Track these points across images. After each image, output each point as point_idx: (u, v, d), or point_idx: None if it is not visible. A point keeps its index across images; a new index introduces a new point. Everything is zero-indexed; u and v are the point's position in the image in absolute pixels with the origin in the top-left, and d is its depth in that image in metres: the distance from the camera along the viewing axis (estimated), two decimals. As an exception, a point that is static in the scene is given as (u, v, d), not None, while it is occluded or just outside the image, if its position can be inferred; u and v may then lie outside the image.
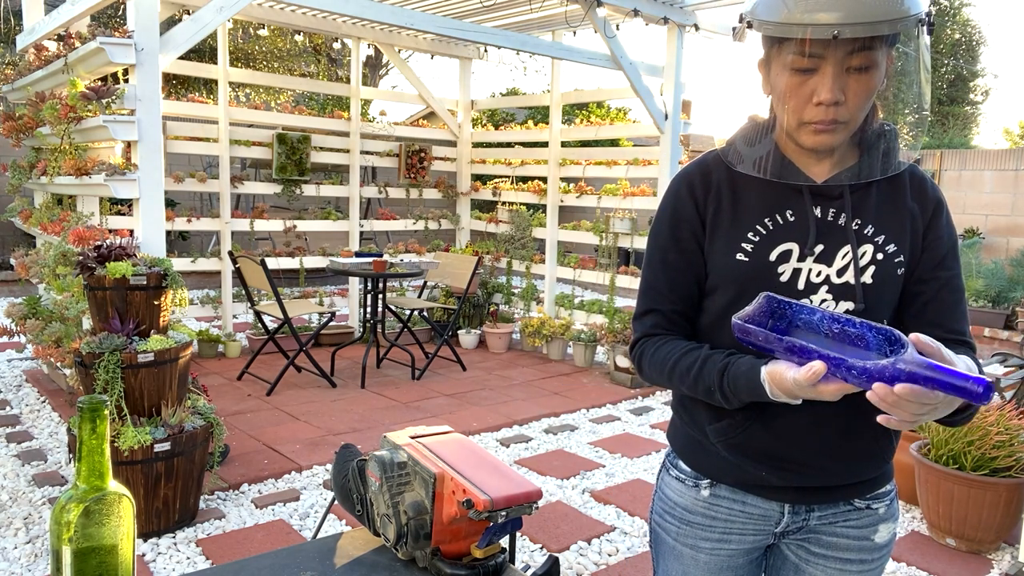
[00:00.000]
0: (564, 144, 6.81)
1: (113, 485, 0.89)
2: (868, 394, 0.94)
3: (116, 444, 2.89)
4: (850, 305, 1.18)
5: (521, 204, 7.21)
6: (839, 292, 1.18)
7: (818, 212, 1.20)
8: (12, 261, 4.94)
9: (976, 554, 3.13)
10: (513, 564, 1.15)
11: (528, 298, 6.81)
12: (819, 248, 1.19)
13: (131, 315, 3.13)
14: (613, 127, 6.79)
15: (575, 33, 6.07)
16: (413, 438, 1.17)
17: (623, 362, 5.52)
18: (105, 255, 3.16)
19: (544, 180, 6.79)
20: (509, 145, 7.41)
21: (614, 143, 8.48)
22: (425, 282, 6.39)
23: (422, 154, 7.00)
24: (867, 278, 1.18)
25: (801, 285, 1.18)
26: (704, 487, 1.29)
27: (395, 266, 5.51)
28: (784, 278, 1.19)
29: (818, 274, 1.18)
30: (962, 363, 0.96)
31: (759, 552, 1.33)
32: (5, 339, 5.16)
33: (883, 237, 1.19)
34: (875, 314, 1.19)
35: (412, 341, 6.21)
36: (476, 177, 7.72)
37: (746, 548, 1.31)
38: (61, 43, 4.31)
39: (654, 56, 5.97)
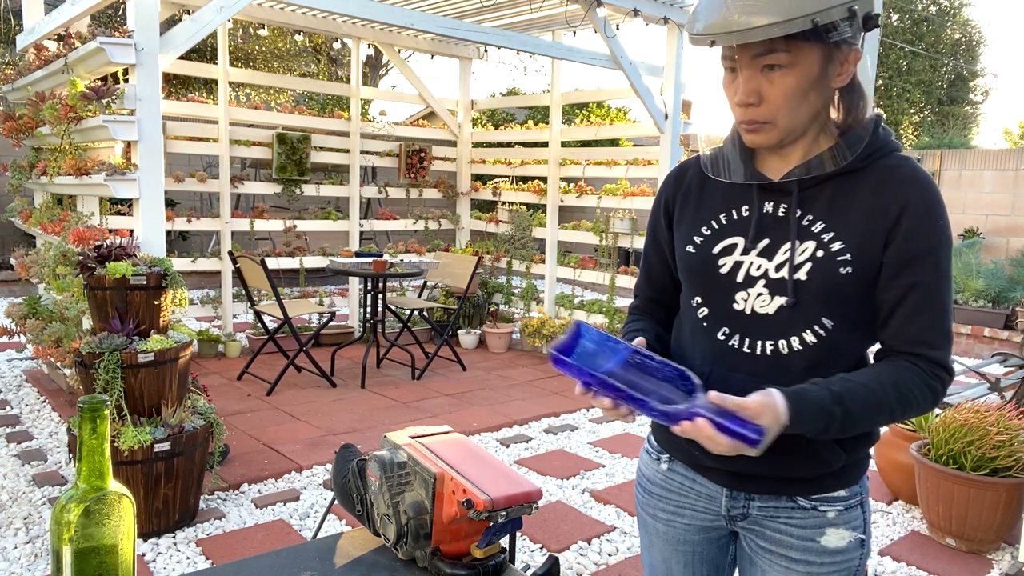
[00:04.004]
0: (564, 144, 6.81)
1: (113, 485, 0.89)
2: (674, 428, 1.06)
3: (116, 444, 2.90)
4: (783, 300, 1.17)
5: (521, 204, 7.21)
6: (774, 287, 1.18)
7: (770, 207, 1.21)
8: (12, 261, 4.94)
9: (976, 554, 3.13)
10: (513, 564, 1.15)
11: (528, 298, 6.81)
12: (764, 243, 1.20)
13: (131, 315, 3.13)
14: (613, 127, 6.79)
15: (575, 33, 6.07)
16: (413, 438, 1.17)
17: (623, 362, 5.52)
18: (105, 255, 3.16)
19: (544, 180, 6.79)
20: (509, 145, 7.41)
21: (614, 143, 8.48)
22: (425, 282, 6.39)
23: (422, 154, 7.00)
24: (802, 275, 1.16)
25: (740, 278, 1.21)
26: (664, 461, 1.37)
27: (395, 266, 5.51)
28: (724, 270, 1.22)
29: (758, 268, 1.20)
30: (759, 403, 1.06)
31: (718, 534, 1.35)
32: (5, 339, 5.16)
33: (831, 235, 1.16)
34: (807, 311, 1.17)
35: (412, 341, 6.22)
36: (476, 177, 7.72)
37: (699, 525, 1.34)
38: (61, 43, 4.31)
39: (654, 56, 5.97)
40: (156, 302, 3.18)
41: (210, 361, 5.76)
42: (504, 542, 1.13)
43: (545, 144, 6.78)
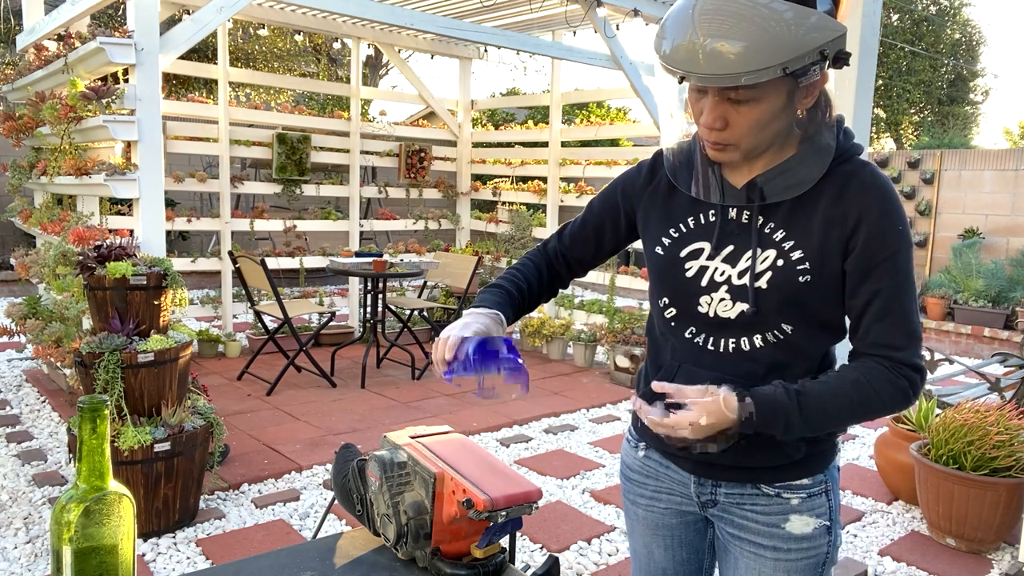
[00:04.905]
0: (564, 144, 6.81)
1: (113, 485, 0.89)
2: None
3: (116, 444, 2.89)
4: (745, 307, 1.20)
5: (521, 204, 7.21)
6: (736, 293, 1.21)
7: (734, 214, 1.24)
8: (12, 261, 4.94)
9: (976, 554, 3.13)
10: (513, 564, 1.15)
11: (528, 298, 6.79)
12: (729, 249, 1.23)
13: (131, 315, 3.13)
14: (613, 127, 6.80)
15: (575, 33, 6.07)
16: (413, 438, 1.17)
17: (623, 362, 5.53)
18: (105, 255, 3.16)
19: (544, 180, 6.79)
20: (509, 145, 7.41)
21: (614, 143, 8.48)
22: (425, 282, 6.39)
23: (422, 154, 7.00)
24: (762, 283, 1.19)
25: (704, 282, 1.24)
26: (641, 449, 1.42)
27: (395, 266, 5.51)
28: (690, 274, 1.26)
29: (722, 273, 1.23)
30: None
31: (694, 518, 1.39)
32: (5, 339, 5.16)
33: (791, 243, 1.19)
34: (767, 318, 1.20)
35: (412, 341, 6.21)
36: (476, 177, 7.72)
37: (675, 509, 1.39)
38: (61, 43, 4.31)
39: (654, 56, 5.97)
40: (156, 302, 3.18)
41: (210, 361, 5.76)
42: (504, 542, 1.13)
43: (545, 144, 6.78)
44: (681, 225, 1.29)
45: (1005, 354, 4.61)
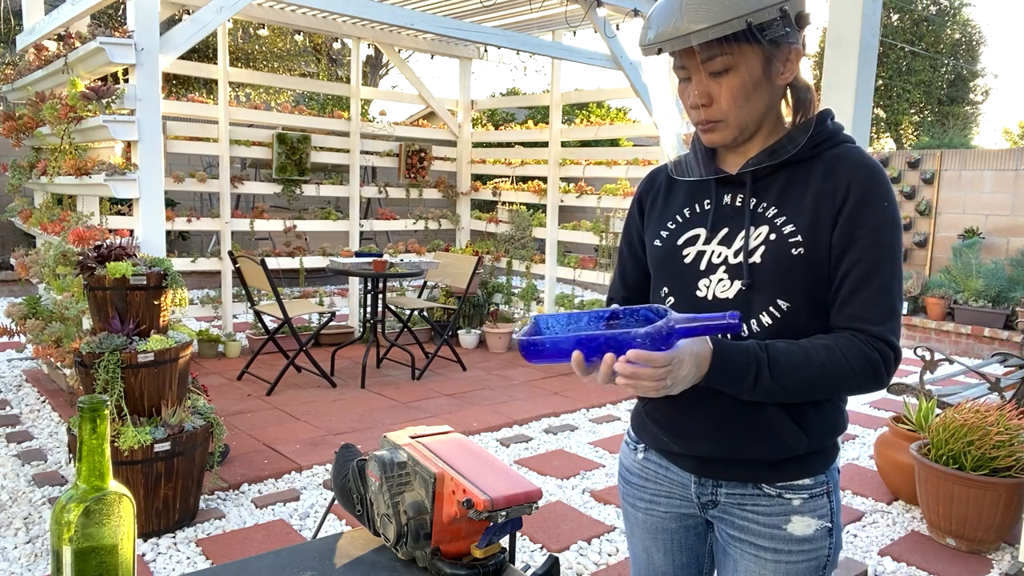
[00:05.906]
0: (564, 144, 6.81)
1: (113, 485, 0.89)
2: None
3: (116, 444, 2.90)
4: (740, 284, 1.22)
5: (521, 204, 7.21)
6: (733, 272, 1.24)
7: (728, 199, 1.27)
8: (12, 261, 4.94)
9: (976, 554, 3.13)
10: (513, 564, 1.15)
11: (528, 298, 6.80)
12: (724, 232, 1.26)
13: (131, 315, 3.13)
14: (613, 127, 6.79)
15: (575, 33, 6.08)
16: (413, 438, 1.17)
17: (623, 362, 5.52)
18: (105, 255, 3.16)
19: (544, 180, 6.79)
20: (509, 145, 7.41)
21: (614, 143, 8.48)
22: (425, 282, 6.39)
23: (422, 154, 7.00)
24: (756, 258, 1.21)
25: (703, 266, 1.27)
26: (640, 451, 1.42)
27: (395, 266, 5.51)
28: (688, 260, 1.28)
29: (719, 255, 1.26)
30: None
31: (694, 521, 1.38)
32: (5, 339, 5.16)
33: (783, 218, 1.21)
34: (763, 292, 1.21)
35: (412, 341, 6.22)
36: (476, 177, 7.72)
37: (675, 513, 1.38)
38: (61, 43, 4.31)
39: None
40: (156, 302, 3.18)
41: (210, 361, 5.76)
42: (504, 542, 1.13)
43: (545, 144, 6.77)
44: (678, 216, 1.32)
45: (1005, 354, 4.61)
